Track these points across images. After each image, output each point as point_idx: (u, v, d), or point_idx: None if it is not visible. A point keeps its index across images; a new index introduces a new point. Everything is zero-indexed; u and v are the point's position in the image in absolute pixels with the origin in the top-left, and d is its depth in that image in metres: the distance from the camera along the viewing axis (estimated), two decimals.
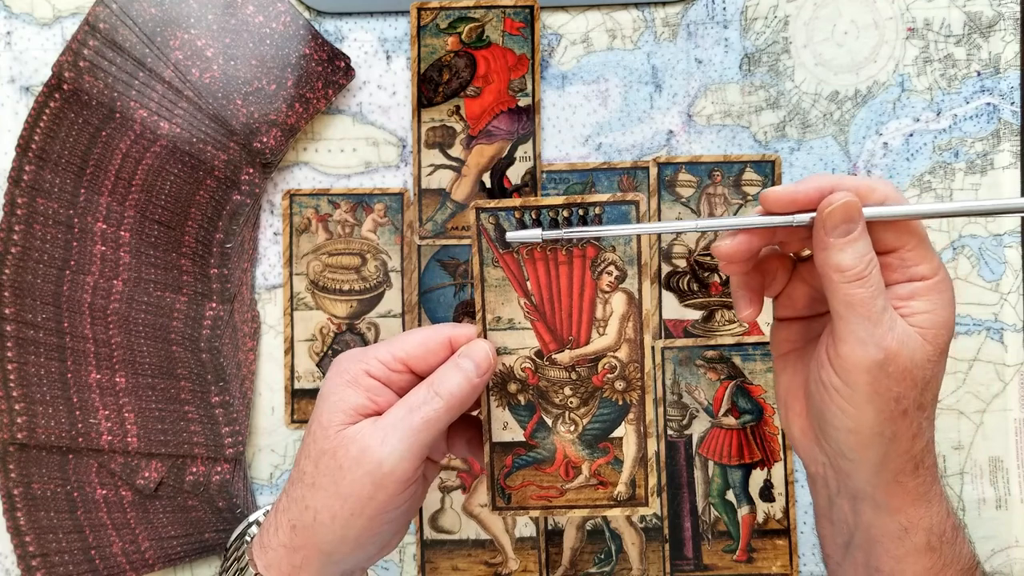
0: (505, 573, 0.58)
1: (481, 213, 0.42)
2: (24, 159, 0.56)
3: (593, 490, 0.43)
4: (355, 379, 0.42)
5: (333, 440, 0.41)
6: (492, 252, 0.42)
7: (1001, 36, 0.58)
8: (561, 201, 0.41)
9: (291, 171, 0.59)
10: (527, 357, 0.43)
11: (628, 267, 0.42)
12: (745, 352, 0.58)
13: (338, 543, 0.41)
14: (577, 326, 0.42)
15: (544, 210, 0.42)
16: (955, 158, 0.58)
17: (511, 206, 0.42)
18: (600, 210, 0.41)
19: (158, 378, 0.57)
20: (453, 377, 0.41)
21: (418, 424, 0.40)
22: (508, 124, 0.58)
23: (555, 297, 0.42)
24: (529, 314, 0.42)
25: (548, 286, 0.42)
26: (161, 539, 0.57)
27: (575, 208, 0.41)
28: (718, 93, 0.58)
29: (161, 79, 0.56)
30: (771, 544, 0.58)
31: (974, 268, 0.58)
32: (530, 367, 0.43)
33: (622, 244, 0.41)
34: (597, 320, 0.42)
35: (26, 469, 0.57)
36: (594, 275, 0.42)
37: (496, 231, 0.42)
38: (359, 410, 0.41)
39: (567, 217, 0.42)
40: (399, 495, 0.41)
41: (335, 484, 0.40)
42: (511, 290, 0.42)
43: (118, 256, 0.57)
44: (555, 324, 0.42)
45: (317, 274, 0.58)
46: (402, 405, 0.41)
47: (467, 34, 0.57)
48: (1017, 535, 0.58)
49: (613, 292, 0.42)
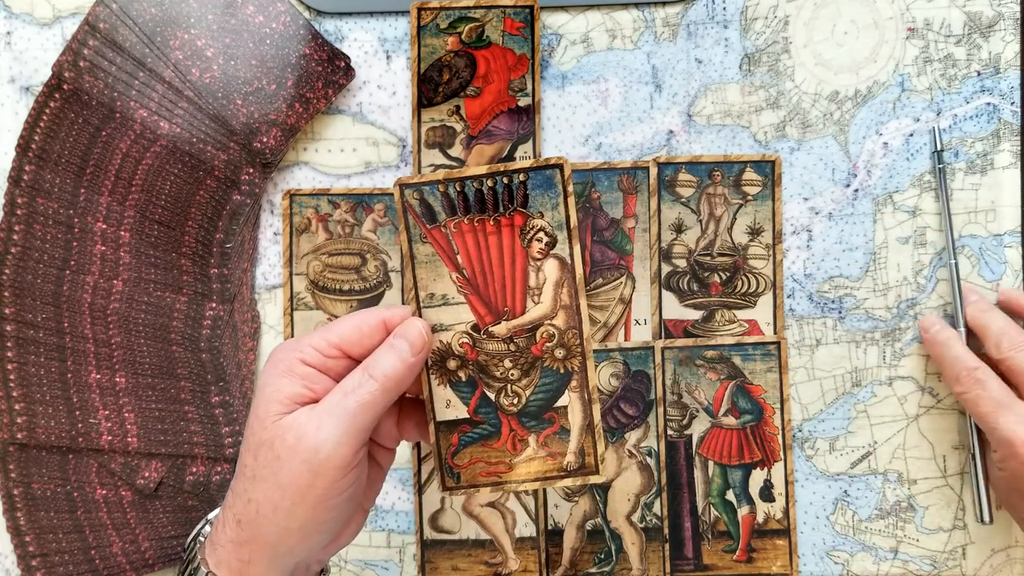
0: (505, 573, 0.58)
1: (405, 189, 0.41)
2: (24, 159, 0.56)
3: (542, 462, 0.43)
4: (290, 368, 0.41)
5: (270, 431, 0.40)
6: (419, 228, 0.41)
7: (1001, 36, 0.58)
8: (484, 171, 0.41)
9: (291, 171, 0.59)
10: (464, 332, 0.42)
11: (558, 232, 0.41)
12: (745, 352, 0.58)
13: (283, 535, 0.40)
14: (511, 296, 0.42)
15: (468, 181, 0.41)
16: (955, 158, 0.58)
17: (435, 179, 0.41)
18: (524, 177, 0.41)
19: (158, 378, 0.57)
20: (387, 359, 0.41)
21: (353, 408, 0.40)
22: (508, 124, 0.58)
23: (487, 269, 0.42)
24: (462, 288, 0.42)
25: (479, 258, 0.41)
26: (161, 539, 0.57)
27: (499, 177, 0.41)
28: (718, 93, 0.58)
29: (161, 79, 0.56)
30: (771, 544, 0.58)
31: (974, 268, 0.58)
32: (468, 342, 0.42)
33: (550, 210, 0.41)
34: (531, 289, 0.42)
35: (26, 469, 0.57)
36: (524, 243, 0.41)
37: (421, 206, 0.41)
38: (295, 399, 0.41)
39: (492, 187, 0.41)
40: (339, 481, 0.40)
41: (274, 475, 0.40)
42: (442, 265, 0.42)
43: (118, 256, 0.57)
44: (489, 296, 0.42)
45: (317, 274, 0.58)
46: (337, 390, 0.41)
47: (467, 34, 0.57)
48: (1017, 535, 0.58)
49: (545, 259, 0.41)
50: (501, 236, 0.41)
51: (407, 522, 0.58)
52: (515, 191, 0.41)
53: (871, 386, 0.58)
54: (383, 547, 0.58)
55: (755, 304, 0.58)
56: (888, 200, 0.58)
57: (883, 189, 0.58)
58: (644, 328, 0.58)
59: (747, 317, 0.58)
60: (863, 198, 0.58)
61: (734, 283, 0.58)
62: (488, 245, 0.41)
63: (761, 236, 0.58)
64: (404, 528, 0.58)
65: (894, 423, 0.58)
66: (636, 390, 0.58)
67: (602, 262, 0.58)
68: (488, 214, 0.41)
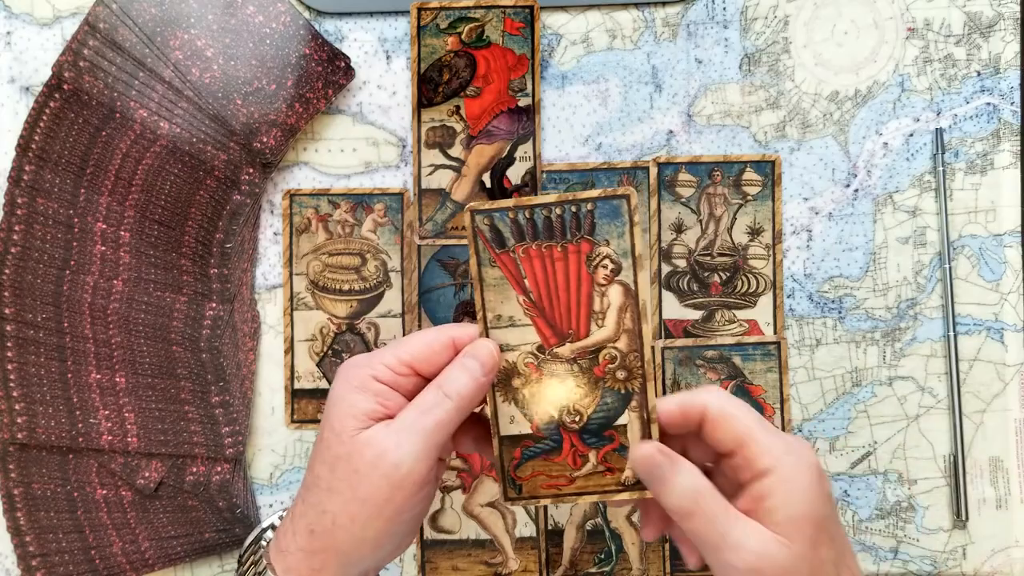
0: (505, 573, 0.58)
1: (476, 215, 0.42)
2: (24, 159, 0.56)
3: (601, 476, 0.44)
4: (363, 384, 0.42)
5: (348, 445, 0.41)
6: (488, 253, 0.43)
7: (1001, 36, 0.58)
8: (554, 199, 0.42)
9: (291, 171, 0.59)
10: (529, 352, 0.43)
11: (623, 260, 0.42)
12: (745, 352, 0.58)
13: (357, 544, 0.41)
14: (576, 319, 0.43)
15: (537, 209, 0.42)
16: (955, 158, 0.58)
17: (505, 207, 0.42)
18: (592, 206, 0.42)
19: (158, 378, 0.57)
20: (460, 377, 0.42)
21: (431, 426, 0.41)
22: (508, 124, 0.58)
23: (553, 293, 0.43)
24: (528, 311, 0.43)
25: (545, 282, 0.43)
26: (161, 539, 0.57)
27: (567, 205, 0.42)
28: (718, 93, 0.58)
29: (161, 79, 0.56)
30: None
31: (974, 268, 0.58)
32: (532, 362, 0.43)
33: (616, 238, 0.42)
34: (595, 313, 0.43)
35: (26, 469, 0.57)
36: (590, 269, 0.43)
37: (491, 232, 0.43)
38: (370, 415, 0.42)
39: (560, 215, 0.42)
40: (415, 496, 0.41)
41: (352, 488, 0.41)
42: (509, 288, 0.43)
43: (118, 256, 0.57)
44: (554, 319, 0.43)
45: (317, 274, 0.58)
46: (413, 408, 0.42)
47: (467, 34, 0.57)
48: (1017, 535, 0.58)
49: (609, 285, 0.43)
50: (568, 262, 0.43)
51: None
52: (583, 219, 0.42)
53: (871, 386, 0.58)
54: None
55: (755, 304, 0.58)
56: (888, 200, 0.58)
57: (883, 189, 0.58)
58: None
59: (747, 317, 0.58)
60: (863, 198, 0.58)
61: (734, 283, 0.58)
62: (555, 270, 0.43)
63: (761, 236, 0.58)
64: None
65: (894, 423, 0.58)
66: None
67: None
68: (556, 240, 0.42)
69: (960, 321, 0.58)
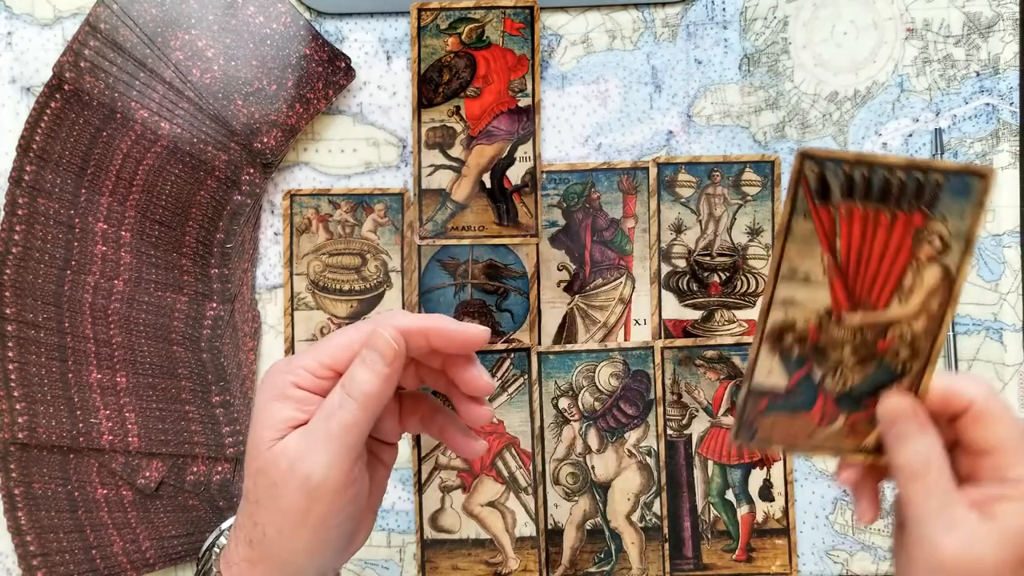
0: (505, 573, 0.58)
1: (807, 160, 0.39)
2: (25, 159, 0.57)
3: (842, 438, 0.42)
4: (283, 392, 0.41)
5: (264, 457, 0.40)
6: (807, 203, 0.39)
7: (1000, 36, 0.58)
8: (902, 162, 0.38)
9: (291, 171, 0.59)
10: (816, 312, 0.41)
11: (954, 241, 0.39)
12: (745, 352, 0.58)
13: (292, 555, 0.41)
14: (879, 291, 0.40)
15: (880, 168, 0.38)
16: (954, 158, 0.58)
17: (843, 158, 0.38)
18: (942, 178, 0.38)
19: (159, 378, 0.57)
20: (361, 375, 0.40)
21: (337, 430, 0.40)
22: (508, 124, 0.58)
23: (863, 258, 0.40)
24: (830, 271, 0.40)
25: (859, 247, 0.40)
26: (162, 538, 0.57)
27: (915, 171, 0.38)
28: (718, 93, 0.59)
29: (162, 79, 0.56)
30: (770, 543, 0.58)
31: (973, 268, 0.58)
32: (815, 324, 0.41)
33: (955, 217, 0.39)
34: (901, 288, 0.40)
35: (27, 469, 0.57)
36: (914, 244, 0.39)
37: (817, 182, 0.39)
38: (289, 423, 0.41)
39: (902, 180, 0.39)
40: (336, 503, 0.40)
41: (274, 500, 0.40)
42: (817, 244, 0.40)
43: (119, 256, 0.57)
44: (855, 285, 0.40)
45: (317, 274, 0.58)
46: (320, 413, 0.40)
47: (467, 34, 0.57)
48: None
49: (929, 264, 0.39)
50: (892, 231, 0.39)
51: (407, 522, 0.58)
52: (927, 190, 0.39)
53: None
54: (383, 547, 0.58)
55: (754, 304, 0.58)
56: None
57: None
58: (644, 328, 0.58)
59: (746, 317, 0.58)
60: None
61: (733, 283, 0.58)
62: (875, 236, 0.39)
63: (760, 236, 0.58)
64: (404, 528, 0.58)
65: None
66: (636, 390, 0.58)
67: (602, 262, 0.58)
68: (888, 206, 0.39)
69: (959, 321, 0.58)
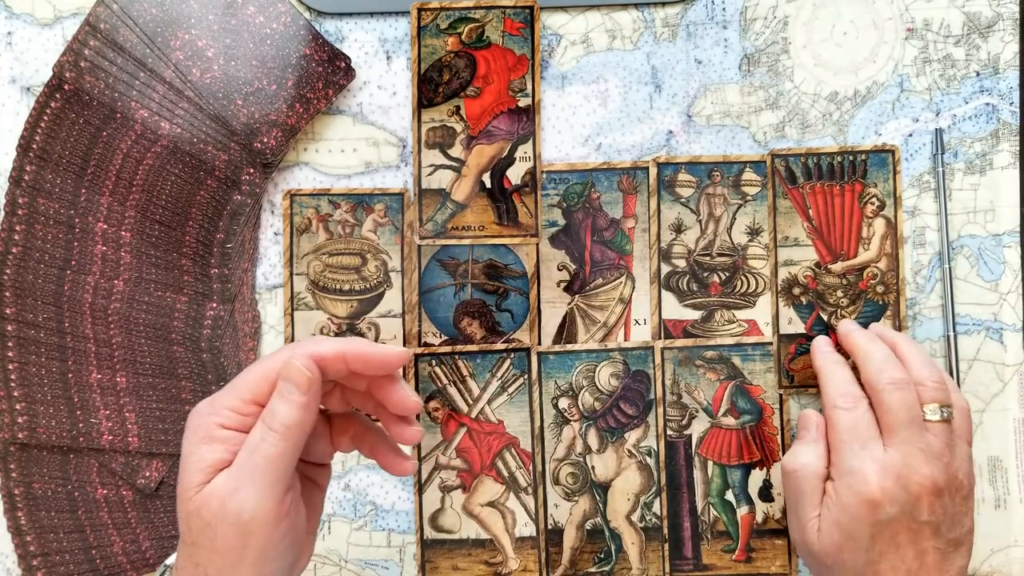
0: (505, 573, 0.58)
1: (775, 159, 0.57)
2: (25, 159, 0.57)
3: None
4: (208, 434, 0.41)
5: (195, 500, 0.41)
6: (783, 187, 0.56)
7: (1000, 36, 0.58)
8: (837, 149, 0.56)
9: (291, 171, 0.59)
10: (808, 267, 0.56)
11: (887, 199, 0.56)
12: (744, 352, 0.58)
13: None
14: (847, 243, 0.56)
15: (823, 156, 0.56)
16: (954, 158, 0.58)
17: (799, 152, 0.57)
18: (865, 157, 0.55)
19: (159, 378, 0.57)
20: (279, 407, 0.41)
21: (262, 464, 0.40)
22: (508, 124, 0.58)
23: (831, 220, 0.56)
24: (810, 234, 0.56)
25: (826, 213, 0.56)
26: (162, 538, 0.57)
27: (847, 155, 0.56)
28: (717, 93, 0.59)
29: (162, 79, 0.56)
30: (770, 544, 0.58)
31: (973, 268, 0.58)
32: (811, 275, 0.56)
33: (882, 182, 0.56)
34: (863, 239, 0.56)
35: (27, 469, 0.57)
36: (860, 204, 0.56)
37: (786, 172, 0.56)
38: (216, 465, 0.41)
39: (840, 162, 0.56)
40: (272, 536, 0.40)
41: (210, 541, 0.40)
42: (796, 215, 0.56)
43: (119, 256, 0.57)
44: (831, 241, 0.56)
45: (317, 274, 0.58)
46: (244, 449, 0.41)
47: (467, 34, 0.58)
48: (1016, 535, 0.58)
49: (875, 218, 0.56)
50: (844, 198, 0.56)
51: (407, 522, 0.58)
52: (857, 166, 0.56)
53: None
54: (383, 547, 0.59)
55: (754, 304, 0.58)
56: None
57: None
58: (644, 328, 0.58)
59: (746, 317, 0.58)
60: None
61: (733, 283, 0.58)
62: (833, 204, 0.56)
63: (760, 236, 0.58)
64: (404, 528, 0.58)
65: None
66: (636, 390, 0.58)
67: (602, 262, 0.58)
68: (836, 181, 0.56)
69: (959, 321, 0.58)
